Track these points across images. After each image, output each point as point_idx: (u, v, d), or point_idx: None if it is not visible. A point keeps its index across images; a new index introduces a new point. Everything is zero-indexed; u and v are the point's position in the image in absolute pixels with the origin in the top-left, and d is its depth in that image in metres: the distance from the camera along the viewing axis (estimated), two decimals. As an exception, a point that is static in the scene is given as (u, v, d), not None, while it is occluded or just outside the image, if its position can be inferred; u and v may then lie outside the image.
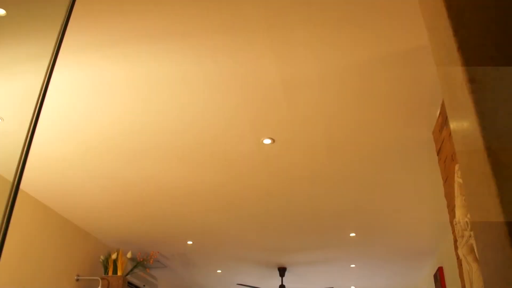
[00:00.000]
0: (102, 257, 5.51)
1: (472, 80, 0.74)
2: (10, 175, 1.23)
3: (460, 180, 2.50)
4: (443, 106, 2.97)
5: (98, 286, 5.12)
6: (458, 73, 0.78)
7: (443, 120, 2.96)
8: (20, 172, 1.24)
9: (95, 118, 3.20)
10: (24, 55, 1.56)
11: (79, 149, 3.59)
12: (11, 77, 1.55)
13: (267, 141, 3.45)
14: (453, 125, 0.86)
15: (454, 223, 2.65)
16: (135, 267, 5.73)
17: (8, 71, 1.61)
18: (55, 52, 1.41)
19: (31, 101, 1.33)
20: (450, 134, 2.83)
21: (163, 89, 2.90)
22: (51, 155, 3.66)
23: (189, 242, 5.84)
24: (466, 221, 2.37)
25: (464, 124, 0.77)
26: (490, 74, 0.73)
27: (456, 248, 2.71)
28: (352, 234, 5.54)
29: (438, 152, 3.16)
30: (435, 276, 5.95)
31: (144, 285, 6.20)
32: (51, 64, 1.39)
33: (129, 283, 5.76)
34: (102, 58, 2.62)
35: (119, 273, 5.37)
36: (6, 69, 1.61)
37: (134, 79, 2.81)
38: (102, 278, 5.24)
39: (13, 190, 1.21)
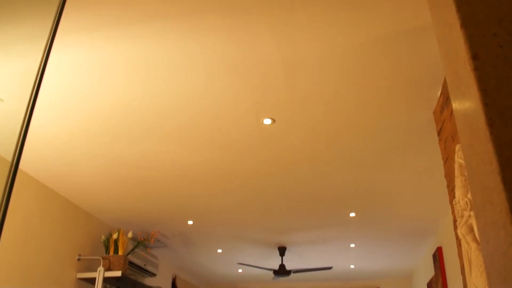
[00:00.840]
0: (103, 237, 5.55)
1: (475, 57, 0.73)
2: (9, 156, 1.23)
3: (460, 161, 2.50)
4: (444, 86, 2.96)
5: (100, 266, 5.17)
6: (460, 50, 0.77)
7: (444, 101, 2.95)
8: (19, 153, 1.24)
9: (94, 98, 3.19)
10: (22, 35, 1.55)
11: (79, 130, 3.59)
12: (10, 58, 1.54)
13: (267, 121, 3.45)
14: (455, 103, 0.85)
15: (454, 203, 2.66)
16: (136, 246, 5.77)
17: (7, 52, 1.60)
18: (52, 32, 1.40)
19: (30, 82, 1.32)
20: (451, 114, 2.82)
21: (162, 70, 2.88)
22: (51, 135, 3.66)
23: (190, 222, 5.88)
24: (466, 201, 2.38)
25: (466, 102, 0.77)
26: (493, 51, 0.72)
27: (455, 228, 2.72)
28: (352, 214, 5.57)
29: (439, 133, 3.15)
30: (434, 256, 5.99)
31: (145, 265, 6.25)
32: (48, 44, 1.38)
33: (130, 263, 5.81)
34: (101, 38, 2.60)
35: (120, 253, 5.41)
36: (4, 50, 1.60)
37: (133, 60, 2.79)
38: (104, 258, 5.28)
39: (12, 169, 1.22)
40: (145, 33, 2.56)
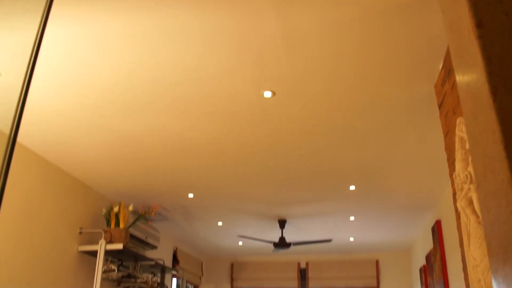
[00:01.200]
0: (104, 210, 5.58)
1: (479, 25, 0.71)
2: (7, 129, 1.24)
3: (461, 134, 2.49)
4: (446, 59, 2.93)
5: (101, 239, 5.21)
6: (465, 18, 0.76)
7: (446, 74, 2.93)
8: (16, 126, 1.24)
9: (92, 71, 3.16)
10: (17, 9, 1.53)
11: (78, 103, 3.57)
12: (6, 32, 1.53)
13: (267, 94, 3.42)
14: (458, 72, 0.84)
15: (454, 176, 2.67)
16: (137, 219, 5.81)
17: (3, 25, 1.58)
18: (48, 5, 1.39)
19: (26, 55, 1.32)
20: (452, 87, 2.80)
21: (160, 43, 2.85)
22: (50, 109, 3.64)
23: (190, 195, 5.91)
24: (466, 174, 2.38)
25: (470, 71, 0.75)
26: (498, 19, 0.71)
27: (455, 201, 2.73)
28: (352, 188, 5.59)
29: (440, 106, 3.14)
30: (433, 229, 6.04)
31: (146, 237, 6.31)
32: (44, 17, 1.37)
33: (131, 235, 5.86)
34: (97, 11, 2.56)
35: (121, 226, 5.45)
36: (0, 24, 1.58)
37: (131, 32, 2.75)
38: (105, 231, 5.32)
39: (10, 143, 1.22)
40: (143, 6, 2.52)
